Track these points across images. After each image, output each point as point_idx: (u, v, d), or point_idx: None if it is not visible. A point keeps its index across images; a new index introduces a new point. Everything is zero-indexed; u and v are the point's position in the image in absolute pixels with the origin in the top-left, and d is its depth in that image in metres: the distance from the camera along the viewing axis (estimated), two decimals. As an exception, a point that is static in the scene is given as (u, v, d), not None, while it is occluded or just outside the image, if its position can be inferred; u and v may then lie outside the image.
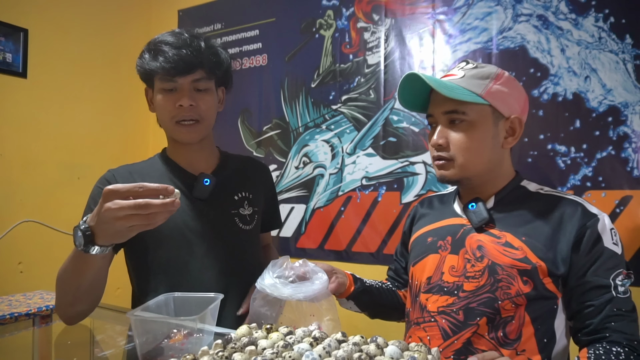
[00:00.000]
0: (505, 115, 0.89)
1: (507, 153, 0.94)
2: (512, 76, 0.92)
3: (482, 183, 0.92)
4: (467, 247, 0.90)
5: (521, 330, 0.83)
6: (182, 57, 0.99)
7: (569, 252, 0.83)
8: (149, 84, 1.08)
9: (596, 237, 0.82)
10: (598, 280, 0.80)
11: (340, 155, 1.97)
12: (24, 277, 1.94)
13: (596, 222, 0.84)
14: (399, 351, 0.61)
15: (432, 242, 0.97)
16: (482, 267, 0.87)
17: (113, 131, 2.37)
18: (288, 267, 0.88)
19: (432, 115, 0.92)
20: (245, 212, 1.13)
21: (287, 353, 0.60)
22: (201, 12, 2.44)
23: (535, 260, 0.83)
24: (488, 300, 0.85)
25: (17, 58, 1.97)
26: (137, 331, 0.75)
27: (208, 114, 1.06)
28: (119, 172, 1.11)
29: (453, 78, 0.89)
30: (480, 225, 0.89)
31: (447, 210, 1.01)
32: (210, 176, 1.07)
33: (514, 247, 0.85)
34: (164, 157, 1.14)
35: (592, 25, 1.51)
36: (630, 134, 1.45)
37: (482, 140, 0.88)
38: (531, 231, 0.86)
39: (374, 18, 1.92)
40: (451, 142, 0.88)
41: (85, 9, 2.25)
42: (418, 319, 0.94)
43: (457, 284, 0.89)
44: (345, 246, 1.94)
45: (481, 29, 1.69)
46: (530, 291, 0.83)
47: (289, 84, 2.12)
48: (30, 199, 2.00)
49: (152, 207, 0.70)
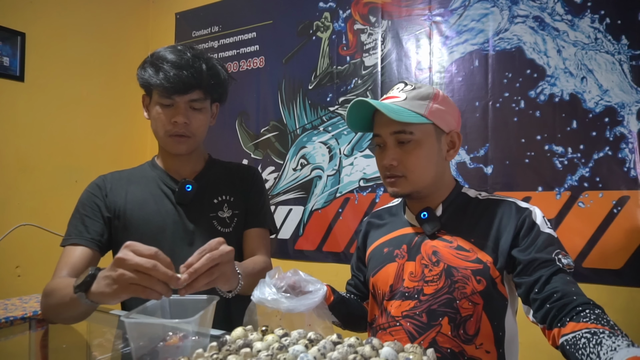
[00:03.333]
0: (446, 130, 0.97)
1: (447, 164, 1.02)
2: (445, 94, 0.99)
3: (430, 193, 0.99)
4: (423, 254, 0.97)
5: (479, 326, 0.90)
6: (182, 78, 1.03)
7: (511, 246, 0.90)
8: (147, 93, 1.12)
9: (531, 224, 0.90)
10: (542, 256, 0.85)
11: (338, 156, 1.97)
12: (21, 280, 1.94)
13: (529, 213, 0.92)
14: (394, 352, 0.61)
15: (389, 252, 1.03)
16: (439, 271, 0.93)
17: (110, 135, 2.37)
18: (280, 277, 0.89)
19: (379, 136, 0.98)
20: (224, 215, 1.15)
21: (282, 355, 0.60)
22: (198, 15, 2.44)
23: (485, 259, 0.91)
24: (447, 301, 0.91)
25: (15, 62, 1.98)
26: (132, 335, 0.75)
27: (199, 131, 1.12)
28: (109, 177, 1.16)
29: (396, 100, 0.95)
30: (433, 232, 0.97)
31: (398, 221, 1.07)
32: (192, 182, 1.11)
33: (465, 250, 0.93)
34: (152, 164, 1.19)
35: (588, 27, 1.52)
36: (627, 134, 1.45)
37: (429, 156, 0.95)
38: (478, 233, 0.94)
39: (371, 20, 1.92)
40: (401, 162, 0.95)
41: (82, 12, 2.25)
42: (384, 324, 0.99)
43: (417, 288, 0.95)
44: (344, 248, 1.94)
45: (477, 30, 1.70)
46: (484, 289, 0.90)
47: (287, 86, 2.12)
48: (28, 203, 2.00)
49: (159, 273, 0.71)
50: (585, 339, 0.70)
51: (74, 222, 1.08)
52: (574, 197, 1.52)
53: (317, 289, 0.88)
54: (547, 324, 0.80)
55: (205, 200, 1.15)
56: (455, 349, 0.90)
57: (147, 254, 0.73)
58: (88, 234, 1.05)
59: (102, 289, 0.76)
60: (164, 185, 1.14)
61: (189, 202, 1.12)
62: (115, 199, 1.11)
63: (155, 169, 1.17)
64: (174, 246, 1.08)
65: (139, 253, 0.72)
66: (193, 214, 1.12)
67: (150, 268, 0.71)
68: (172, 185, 1.13)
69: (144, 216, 1.10)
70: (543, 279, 0.83)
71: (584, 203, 1.50)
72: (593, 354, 0.66)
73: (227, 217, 1.16)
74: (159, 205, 1.12)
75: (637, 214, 1.43)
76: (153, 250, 0.73)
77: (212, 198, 1.16)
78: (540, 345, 1.06)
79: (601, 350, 0.65)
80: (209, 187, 1.16)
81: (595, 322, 0.72)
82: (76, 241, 1.03)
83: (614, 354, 0.63)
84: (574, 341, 0.72)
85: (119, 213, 1.10)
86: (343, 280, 1.23)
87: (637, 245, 1.42)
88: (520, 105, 1.61)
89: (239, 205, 1.18)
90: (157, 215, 1.10)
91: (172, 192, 1.13)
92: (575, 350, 0.71)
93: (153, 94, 1.08)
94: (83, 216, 1.08)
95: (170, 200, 1.12)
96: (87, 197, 1.11)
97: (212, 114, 1.17)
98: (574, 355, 0.71)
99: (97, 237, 1.05)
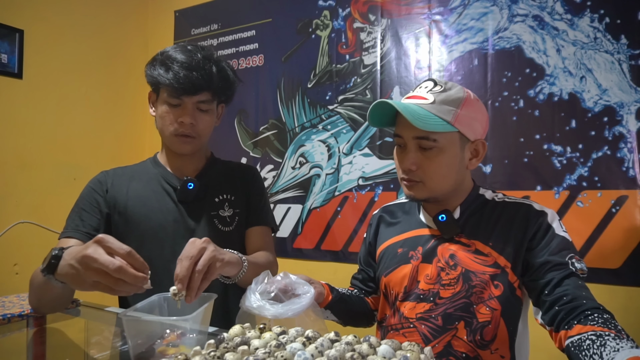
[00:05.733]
0: (471, 139, 0.94)
1: (468, 171, 0.99)
2: (475, 97, 0.94)
3: (447, 198, 0.97)
4: (439, 256, 0.95)
5: (496, 332, 0.89)
6: (191, 79, 1.03)
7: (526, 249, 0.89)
8: (154, 91, 1.12)
9: (547, 227, 0.89)
10: (556, 259, 0.85)
11: (337, 155, 1.97)
12: (19, 278, 1.94)
13: (545, 216, 0.91)
14: (392, 350, 0.61)
15: (403, 252, 1.01)
16: (457, 275, 0.92)
17: (109, 132, 2.37)
18: (269, 282, 0.87)
19: (400, 137, 0.94)
20: (225, 213, 1.16)
21: (279, 353, 0.60)
22: (197, 13, 2.44)
23: (503, 264, 0.89)
24: (464, 305, 0.90)
25: (13, 59, 1.97)
26: (129, 332, 0.75)
27: (205, 132, 1.13)
28: (111, 173, 1.16)
29: (423, 103, 0.90)
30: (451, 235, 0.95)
31: (413, 221, 1.05)
32: (194, 180, 1.12)
33: (483, 254, 0.91)
34: (155, 161, 1.20)
35: (588, 26, 1.51)
36: (626, 134, 1.45)
37: (451, 165, 0.92)
38: (495, 237, 0.92)
39: (370, 18, 1.92)
40: (421, 168, 0.92)
41: (81, 9, 2.24)
42: (396, 325, 0.98)
43: (433, 291, 0.94)
44: (342, 246, 1.94)
45: (477, 29, 1.69)
46: (501, 294, 0.89)
47: (286, 85, 2.12)
48: (26, 200, 2.00)
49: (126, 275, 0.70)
50: (590, 340, 0.69)
51: (73, 215, 1.09)
52: (573, 196, 1.52)
53: (304, 292, 0.86)
54: (555, 326, 0.79)
55: (207, 198, 1.15)
56: (470, 353, 0.89)
57: (119, 252, 0.71)
58: (84, 228, 1.06)
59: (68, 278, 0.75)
60: (165, 183, 1.14)
61: (191, 200, 1.12)
62: (116, 195, 1.12)
63: (158, 166, 1.18)
64: (174, 244, 1.08)
65: (110, 251, 0.71)
66: (194, 212, 1.13)
67: (114, 270, 0.69)
68: (174, 183, 1.14)
69: (145, 213, 1.11)
70: (554, 282, 0.82)
71: (583, 202, 1.50)
72: (596, 354, 0.66)
73: (228, 216, 1.16)
74: (160, 202, 1.12)
75: (636, 214, 1.43)
76: (125, 249, 0.71)
77: (214, 197, 1.16)
78: (540, 345, 1.06)
79: (604, 351, 0.65)
80: (211, 186, 1.17)
81: (602, 326, 0.71)
82: (71, 234, 1.04)
83: (616, 355, 0.62)
84: (579, 343, 0.71)
85: (119, 209, 1.11)
86: (341, 278, 1.23)
87: (636, 244, 1.42)
88: (519, 104, 1.61)
89: (239, 205, 1.18)
90: (158, 213, 1.11)
91: (173, 189, 1.13)
92: (579, 351, 0.70)
93: (161, 92, 1.09)
94: (81, 210, 1.09)
95: (171, 198, 1.13)
96: (87, 192, 1.12)
97: (218, 114, 1.17)
98: (577, 356, 0.71)
99: (92, 232, 1.05)
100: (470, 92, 0.94)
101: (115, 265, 0.69)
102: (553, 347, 0.81)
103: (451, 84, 0.93)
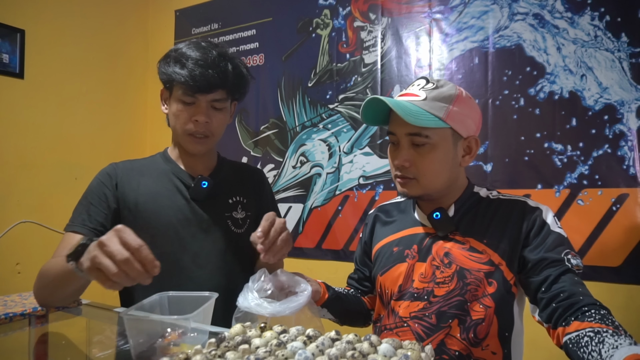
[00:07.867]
0: (464, 135, 0.93)
1: (462, 168, 0.99)
2: (467, 94, 0.95)
3: (441, 196, 0.97)
4: (434, 254, 0.95)
5: (489, 330, 0.89)
6: (207, 77, 1.02)
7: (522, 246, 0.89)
8: (167, 88, 1.10)
9: (542, 224, 0.90)
10: (552, 256, 0.85)
11: (338, 154, 1.97)
12: (21, 277, 1.94)
13: (540, 213, 0.91)
14: (392, 349, 0.61)
15: (399, 251, 1.01)
16: (451, 273, 0.92)
17: (110, 131, 2.37)
18: (266, 280, 0.87)
19: (394, 134, 0.95)
20: (238, 215, 1.15)
21: (280, 351, 0.60)
22: (198, 12, 2.44)
23: (498, 261, 0.90)
24: (458, 303, 0.90)
25: (14, 59, 1.97)
26: (130, 331, 0.75)
27: (218, 130, 1.12)
28: (120, 166, 1.14)
29: (415, 100, 0.91)
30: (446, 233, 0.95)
31: (408, 219, 1.05)
32: (209, 179, 1.10)
33: (478, 251, 0.91)
34: (165, 156, 1.18)
35: (588, 24, 1.51)
36: (626, 132, 1.45)
37: (444, 161, 0.92)
38: (490, 234, 0.92)
39: (371, 17, 1.92)
40: (414, 164, 0.92)
41: (82, 9, 2.25)
42: (390, 324, 0.98)
43: (427, 289, 0.94)
44: (343, 245, 1.94)
45: (477, 27, 1.69)
46: (495, 292, 0.89)
47: (286, 84, 2.12)
48: (28, 200, 2.00)
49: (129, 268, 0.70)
50: (588, 337, 0.69)
51: (80, 208, 1.07)
52: (573, 194, 1.52)
53: (301, 290, 0.86)
54: (552, 323, 0.79)
55: (220, 198, 1.14)
56: (463, 351, 0.89)
57: (131, 244, 0.71)
58: (90, 223, 1.04)
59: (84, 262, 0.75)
60: (177, 180, 1.13)
61: (204, 198, 1.11)
62: (126, 190, 1.10)
63: (169, 163, 1.16)
64: (185, 242, 1.07)
65: (123, 241, 0.71)
66: (207, 211, 1.12)
67: (122, 261, 0.69)
68: (187, 181, 1.12)
69: (157, 209, 1.09)
70: (551, 279, 0.82)
71: (583, 201, 1.50)
72: (595, 351, 0.66)
73: (241, 219, 1.16)
74: (171, 199, 1.11)
75: (636, 212, 1.43)
76: (138, 243, 0.71)
77: (227, 198, 1.16)
78: (539, 342, 1.07)
79: (603, 348, 0.65)
80: (224, 186, 1.16)
81: (599, 322, 0.71)
82: (77, 229, 1.03)
83: (615, 352, 0.62)
84: (577, 339, 0.71)
85: (129, 205, 1.09)
86: (342, 277, 1.23)
87: (636, 243, 1.42)
88: (519, 102, 1.61)
89: (251, 208, 1.18)
90: (169, 210, 1.10)
91: (185, 187, 1.12)
92: (577, 348, 0.70)
93: (174, 90, 1.07)
94: (89, 204, 1.07)
95: (182, 196, 1.11)
96: (96, 185, 1.10)
97: (230, 112, 1.16)
98: (576, 353, 0.71)
99: (99, 228, 1.04)
100: (462, 89, 0.94)
101: (123, 256, 0.69)
102: (552, 345, 0.81)
103: (443, 82, 0.94)
